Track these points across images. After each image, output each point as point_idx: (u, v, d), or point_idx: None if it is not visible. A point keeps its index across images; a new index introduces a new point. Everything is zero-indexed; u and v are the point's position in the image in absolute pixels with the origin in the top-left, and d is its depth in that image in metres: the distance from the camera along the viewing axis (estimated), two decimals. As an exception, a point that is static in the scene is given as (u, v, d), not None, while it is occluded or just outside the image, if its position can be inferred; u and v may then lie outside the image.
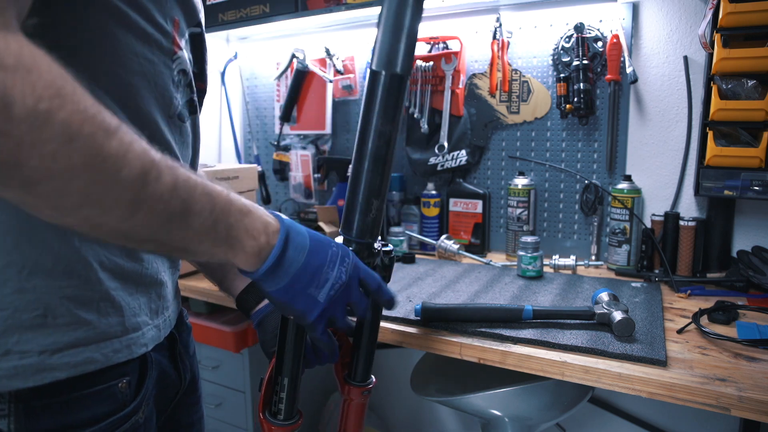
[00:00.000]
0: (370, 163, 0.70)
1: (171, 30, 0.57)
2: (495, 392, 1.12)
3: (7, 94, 0.35)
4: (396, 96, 0.69)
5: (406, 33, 0.69)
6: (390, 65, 0.69)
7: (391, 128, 0.70)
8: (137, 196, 0.43)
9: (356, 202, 0.71)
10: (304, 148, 1.89)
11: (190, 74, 0.65)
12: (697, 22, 1.31)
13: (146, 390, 0.61)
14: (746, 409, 0.72)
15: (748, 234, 1.32)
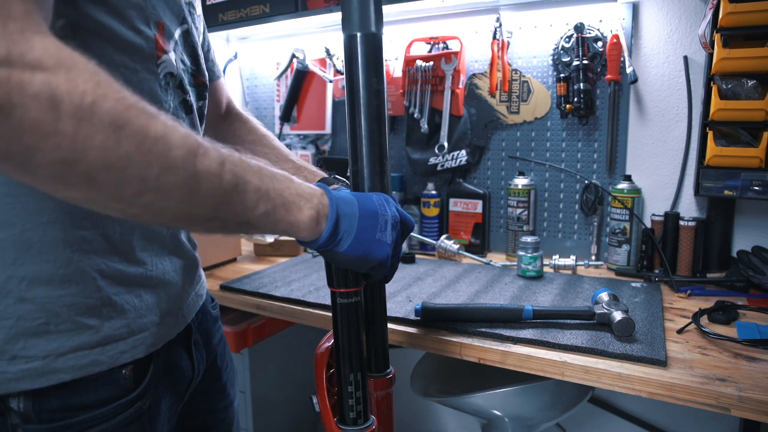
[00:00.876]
0: (367, 121, 0.70)
1: (154, 35, 0.58)
2: (495, 392, 1.12)
3: (54, 93, 0.37)
4: (375, 54, 0.70)
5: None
6: (364, 26, 0.70)
7: (378, 83, 0.70)
8: (190, 174, 0.45)
9: (362, 171, 0.70)
10: (304, 148, 1.89)
11: (181, 75, 0.65)
12: (697, 22, 1.31)
13: (150, 379, 0.63)
14: (746, 409, 0.72)
15: (748, 234, 1.33)
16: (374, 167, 0.71)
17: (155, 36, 0.59)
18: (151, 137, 0.42)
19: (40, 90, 0.37)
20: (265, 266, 1.43)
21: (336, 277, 0.68)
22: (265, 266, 1.43)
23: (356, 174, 0.72)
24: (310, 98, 1.84)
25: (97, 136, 0.39)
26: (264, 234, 0.65)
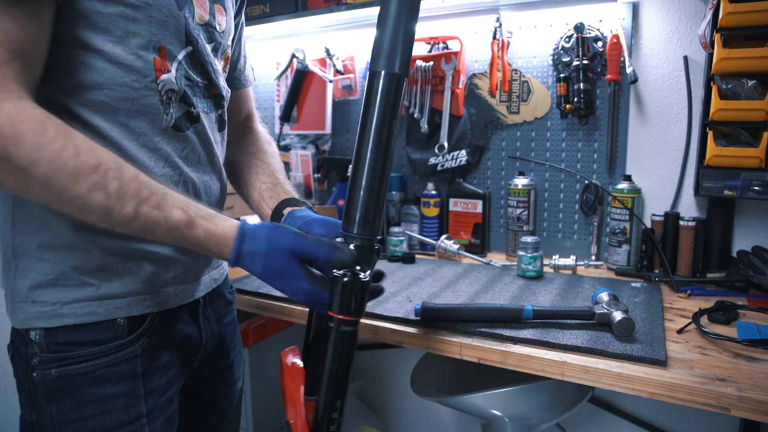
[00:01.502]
0: (370, 163, 0.71)
1: (153, 58, 0.69)
2: (495, 392, 1.12)
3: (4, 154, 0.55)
4: (395, 96, 0.71)
5: (404, 33, 0.72)
6: (389, 65, 0.71)
7: (390, 128, 0.71)
8: (105, 221, 0.62)
9: (358, 197, 0.71)
10: (304, 148, 1.89)
11: (184, 90, 0.75)
12: (697, 22, 1.31)
13: (144, 330, 0.75)
14: (746, 409, 0.72)
15: (748, 234, 1.32)
16: (370, 201, 0.71)
17: (154, 59, 0.69)
18: (69, 195, 0.58)
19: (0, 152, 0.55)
20: (265, 266, 1.43)
21: (340, 302, 0.68)
22: (265, 266, 1.43)
23: (351, 201, 0.72)
24: (310, 98, 1.84)
25: (32, 189, 0.58)
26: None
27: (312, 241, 0.68)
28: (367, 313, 1.04)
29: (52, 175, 0.57)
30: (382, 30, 0.71)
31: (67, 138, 0.58)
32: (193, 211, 0.65)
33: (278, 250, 0.67)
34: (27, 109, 0.56)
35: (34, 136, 0.55)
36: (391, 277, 1.30)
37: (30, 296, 0.70)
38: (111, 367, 0.72)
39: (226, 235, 0.66)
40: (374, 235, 0.72)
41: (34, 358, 0.70)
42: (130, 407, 0.73)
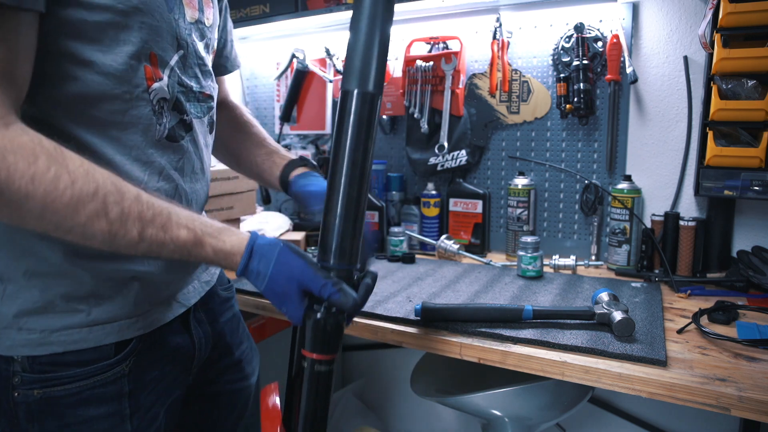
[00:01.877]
0: (345, 188, 0.68)
1: (143, 68, 0.66)
2: (495, 392, 1.12)
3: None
4: (369, 115, 0.68)
5: (378, 49, 0.69)
6: (362, 83, 0.68)
7: (365, 149, 0.69)
8: (109, 246, 0.59)
9: (333, 226, 0.68)
10: (304, 148, 1.89)
11: (177, 97, 0.72)
12: (697, 22, 1.31)
13: (130, 350, 0.72)
14: (746, 409, 0.72)
15: (748, 234, 1.32)
16: (347, 228, 0.69)
17: (145, 67, 0.66)
18: (68, 225, 0.56)
19: None
20: (265, 266, 1.43)
21: (313, 339, 0.67)
22: (265, 266, 1.43)
23: (326, 229, 0.69)
24: (310, 98, 1.84)
25: (28, 221, 0.55)
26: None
27: (320, 277, 0.66)
28: (367, 313, 1.04)
29: (49, 206, 0.54)
30: (354, 45, 0.68)
31: (61, 165, 0.55)
32: (199, 229, 0.64)
33: (284, 276, 0.66)
34: (16, 136, 0.53)
35: (26, 167, 0.53)
36: (391, 277, 1.30)
37: (16, 323, 0.66)
38: (97, 388, 0.69)
39: (234, 251, 0.66)
40: (352, 265, 0.70)
41: (16, 377, 0.67)
42: (116, 426, 0.72)
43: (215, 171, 1.40)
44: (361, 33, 0.69)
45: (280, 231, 1.60)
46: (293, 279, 0.66)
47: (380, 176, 1.67)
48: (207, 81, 0.79)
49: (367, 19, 0.69)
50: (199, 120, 0.78)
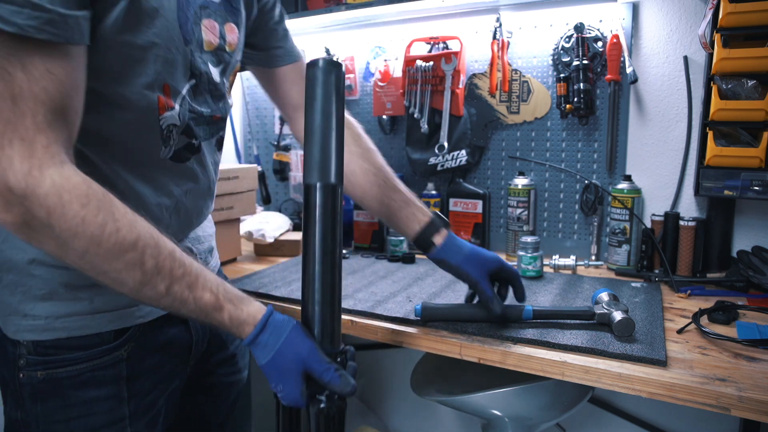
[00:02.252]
0: (320, 276, 0.72)
1: (156, 98, 0.69)
2: (495, 392, 1.12)
3: (49, 223, 0.56)
4: (332, 205, 0.72)
5: (335, 145, 0.72)
6: (323, 176, 0.72)
7: (333, 237, 0.73)
8: (135, 294, 0.63)
9: (313, 312, 0.72)
10: (304, 148, 1.88)
11: (186, 123, 0.75)
12: (697, 22, 1.31)
13: (129, 337, 0.76)
14: (746, 409, 0.72)
15: (748, 234, 1.32)
16: (326, 314, 0.73)
17: (158, 97, 0.69)
18: (104, 269, 0.60)
19: (40, 221, 0.56)
20: (265, 266, 1.43)
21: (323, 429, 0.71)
22: (265, 266, 1.43)
23: (307, 317, 0.74)
24: (310, 98, 1.84)
25: (69, 257, 0.59)
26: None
27: (324, 363, 0.69)
28: (367, 313, 1.05)
29: (91, 249, 0.58)
30: (310, 142, 0.72)
31: (109, 211, 0.59)
32: (222, 294, 0.68)
33: (292, 353, 0.69)
34: (71, 176, 0.57)
35: (78, 209, 0.56)
36: (391, 277, 1.30)
37: (21, 310, 0.70)
38: (96, 371, 0.73)
39: (248, 321, 0.69)
40: (335, 348, 0.73)
41: (21, 359, 0.71)
42: (114, 409, 0.75)
43: (215, 171, 1.40)
44: (317, 126, 0.72)
45: (280, 231, 1.60)
46: (300, 358, 0.68)
47: (380, 176, 1.67)
48: (218, 104, 0.81)
49: (320, 113, 0.72)
50: (207, 141, 0.81)
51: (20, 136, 0.54)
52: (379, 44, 1.70)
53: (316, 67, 0.74)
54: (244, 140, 2.07)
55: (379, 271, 1.37)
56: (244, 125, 2.06)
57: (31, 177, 0.54)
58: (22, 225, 0.56)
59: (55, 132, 0.57)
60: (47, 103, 0.56)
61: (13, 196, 0.54)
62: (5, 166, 0.54)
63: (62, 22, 0.54)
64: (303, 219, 0.75)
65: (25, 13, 0.52)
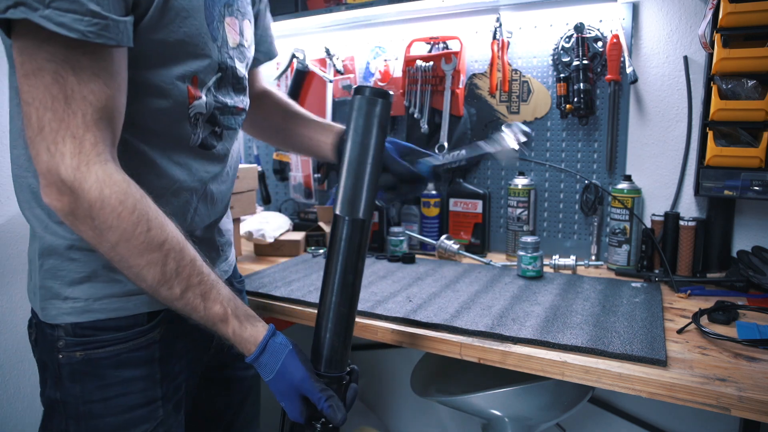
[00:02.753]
0: (336, 306, 0.76)
1: (185, 88, 0.73)
2: (495, 392, 1.12)
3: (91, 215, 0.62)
4: (359, 240, 0.76)
5: (368, 180, 0.75)
6: (353, 211, 0.75)
7: (355, 272, 0.76)
8: (152, 291, 0.68)
9: (324, 338, 0.77)
10: (304, 148, 1.88)
11: (212, 112, 0.79)
12: (697, 22, 1.31)
13: (161, 319, 0.80)
14: (746, 409, 0.72)
15: (748, 234, 1.33)
16: (337, 343, 0.77)
17: (188, 87, 0.74)
18: (129, 263, 0.65)
19: (83, 212, 0.62)
20: (265, 266, 1.43)
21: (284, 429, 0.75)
22: (265, 266, 1.43)
23: (318, 341, 0.77)
24: (310, 98, 1.84)
25: (102, 246, 0.65)
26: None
27: (316, 390, 0.73)
28: (367, 313, 1.05)
29: (122, 243, 0.64)
30: (347, 176, 0.75)
31: (143, 211, 0.64)
32: (231, 309, 0.72)
33: (286, 380, 0.73)
34: (113, 173, 0.63)
35: (116, 204, 0.62)
36: (391, 277, 1.30)
37: (61, 293, 0.74)
38: (132, 351, 0.77)
39: (250, 341, 0.73)
40: (342, 371, 0.78)
41: (60, 341, 0.74)
42: (148, 389, 0.78)
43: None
44: (353, 159, 0.75)
45: (280, 231, 1.60)
46: (293, 386, 0.73)
47: (380, 176, 1.67)
48: (239, 96, 0.85)
49: (358, 146, 0.74)
50: (229, 130, 0.85)
51: (72, 133, 0.60)
52: (379, 44, 1.70)
53: (360, 96, 0.75)
54: (244, 140, 2.07)
55: (379, 271, 1.37)
56: (244, 125, 2.06)
57: (79, 172, 0.61)
58: (68, 213, 0.62)
59: (102, 131, 0.62)
60: (95, 104, 0.61)
61: (65, 187, 0.61)
62: (58, 161, 0.60)
63: (115, 27, 0.60)
64: (328, 247, 0.78)
65: (86, 20, 0.58)
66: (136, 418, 0.77)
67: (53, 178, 0.61)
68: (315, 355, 0.78)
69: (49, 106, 0.59)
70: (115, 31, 0.61)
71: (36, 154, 0.61)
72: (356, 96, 0.76)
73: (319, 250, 1.56)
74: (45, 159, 0.60)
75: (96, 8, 0.58)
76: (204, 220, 0.86)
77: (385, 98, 0.76)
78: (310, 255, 1.55)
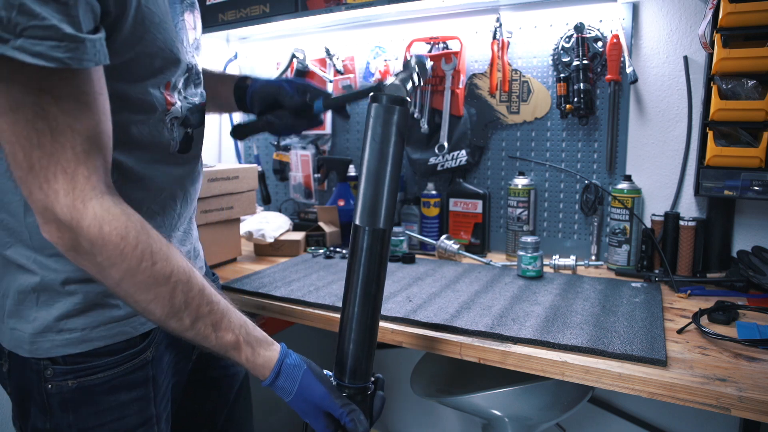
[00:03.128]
0: (359, 316, 0.76)
1: (162, 95, 0.72)
2: (495, 392, 1.12)
3: (92, 252, 0.60)
4: (380, 249, 0.76)
5: (387, 190, 0.74)
6: (373, 222, 0.75)
7: (377, 281, 0.76)
8: (161, 323, 0.66)
9: (348, 349, 0.77)
10: (304, 148, 1.89)
11: (185, 114, 0.78)
12: (697, 22, 1.31)
13: (153, 337, 0.78)
14: (746, 409, 0.72)
15: (748, 234, 1.32)
16: (361, 353, 0.77)
17: (164, 94, 0.72)
18: (136, 298, 0.63)
19: (85, 249, 0.60)
20: (265, 266, 1.43)
21: None
22: (265, 266, 1.43)
23: (342, 352, 0.77)
24: (310, 98, 1.84)
25: (106, 282, 0.62)
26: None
27: (337, 405, 0.73)
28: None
29: (126, 279, 0.61)
30: (366, 186, 0.75)
31: (146, 244, 0.62)
32: (243, 337, 0.71)
33: (307, 400, 0.73)
34: (111, 207, 0.60)
35: (118, 241, 0.60)
36: (391, 277, 1.30)
37: (57, 326, 0.71)
38: (127, 375, 0.75)
39: (265, 366, 0.72)
40: (366, 382, 0.78)
41: (47, 370, 0.70)
42: (144, 410, 0.77)
43: (215, 171, 1.40)
44: (372, 168, 0.74)
45: (280, 231, 1.60)
46: (314, 405, 0.73)
47: (380, 176, 1.67)
48: (199, 89, 0.84)
49: (377, 154, 0.74)
50: (197, 129, 0.84)
51: (63, 168, 0.57)
52: (379, 44, 1.70)
53: (378, 104, 0.74)
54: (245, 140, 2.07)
55: (379, 271, 1.37)
56: (244, 125, 2.06)
57: (75, 210, 0.58)
58: (70, 249, 0.60)
59: (94, 161, 0.59)
60: (83, 133, 0.58)
61: (63, 226, 0.59)
62: (53, 200, 0.58)
63: (92, 47, 0.56)
64: (348, 257, 0.77)
65: (64, 46, 0.53)
66: None
67: (51, 216, 0.58)
68: (339, 366, 0.78)
69: (35, 142, 0.56)
70: (92, 52, 0.56)
71: (29, 194, 0.58)
72: (373, 104, 0.75)
73: (319, 250, 1.56)
74: (40, 198, 0.58)
75: (71, 31, 0.53)
76: (184, 221, 0.86)
77: (402, 105, 0.75)
78: (310, 255, 1.55)
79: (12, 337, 0.71)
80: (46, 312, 0.70)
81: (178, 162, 0.80)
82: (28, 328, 0.70)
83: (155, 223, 0.75)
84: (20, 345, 0.71)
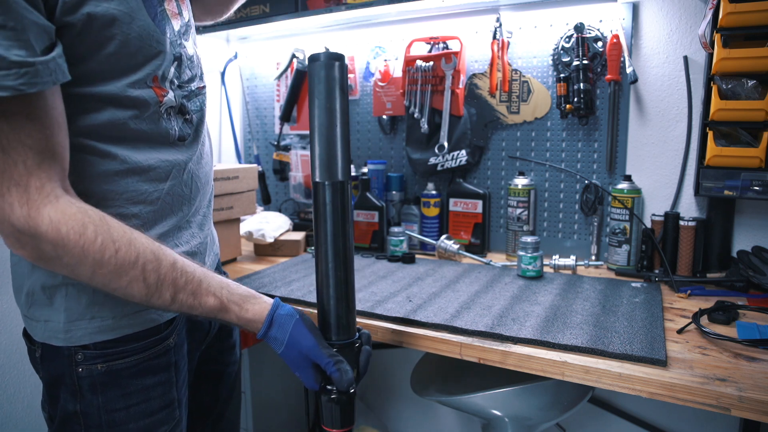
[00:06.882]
0: (333, 272, 0.77)
1: (152, 87, 0.72)
2: (495, 392, 1.12)
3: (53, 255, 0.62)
4: (342, 201, 0.77)
5: (340, 142, 0.76)
6: (331, 175, 0.76)
7: (344, 234, 0.78)
8: (146, 304, 0.68)
9: (329, 306, 0.79)
10: (304, 147, 1.89)
11: (181, 102, 0.78)
12: (697, 22, 1.31)
13: (176, 324, 0.81)
14: (746, 409, 0.72)
15: (748, 234, 1.33)
16: (341, 308, 0.78)
17: (153, 89, 0.72)
18: (112, 287, 0.65)
19: (50, 254, 0.62)
20: (265, 266, 1.43)
21: (330, 417, 0.77)
22: (265, 266, 1.43)
23: (323, 310, 0.79)
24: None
25: (81, 279, 0.65)
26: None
27: (324, 355, 0.75)
28: (367, 313, 1.05)
29: (96, 271, 0.63)
30: (315, 141, 0.76)
31: (107, 234, 0.63)
32: (225, 297, 0.73)
33: (296, 350, 0.75)
34: (66, 209, 0.61)
35: (77, 239, 0.61)
36: (391, 277, 1.30)
37: (87, 313, 0.73)
38: (152, 360, 0.77)
39: (255, 319, 0.75)
40: (351, 337, 0.80)
41: (78, 355, 0.73)
42: (167, 393, 0.80)
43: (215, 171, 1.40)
44: (321, 124, 0.76)
45: (280, 231, 1.60)
46: (303, 354, 0.75)
47: (380, 176, 1.67)
48: (196, 71, 0.83)
49: (324, 110, 0.75)
50: (198, 113, 0.84)
51: (15, 182, 0.59)
52: (379, 44, 1.70)
53: (317, 63, 0.76)
54: (244, 140, 2.07)
55: (379, 271, 1.37)
56: (244, 125, 2.06)
57: (31, 218, 0.60)
58: (37, 258, 0.62)
59: (46, 171, 0.61)
60: (34, 147, 0.59)
61: (23, 236, 0.60)
62: (8, 213, 0.59)
63: (45, 69, 0.57)
64: (314, 216, 0.78)
65: (13, 73, 0.54)
66: (155, 422, 0.78)
67: (9, 229, 0.60)
68: (323, 325, 0.79)
69: None
70: (46, 73, 0.57)
71: None
72: (313, 63, 0.77)
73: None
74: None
75: (19, 58, 0.54)
76: (201, 206, 0.87)
77: (340, 60, 0.77)
78: (310, 255, 1.55)
79: (45, 329, 0.74)
80: (77, 301, 0.73)
81: (181, 149, 0.80)
82: (61, 318, 0.72)
83: (171, 212, 0.78)
84: (54, 335, 0.73)
